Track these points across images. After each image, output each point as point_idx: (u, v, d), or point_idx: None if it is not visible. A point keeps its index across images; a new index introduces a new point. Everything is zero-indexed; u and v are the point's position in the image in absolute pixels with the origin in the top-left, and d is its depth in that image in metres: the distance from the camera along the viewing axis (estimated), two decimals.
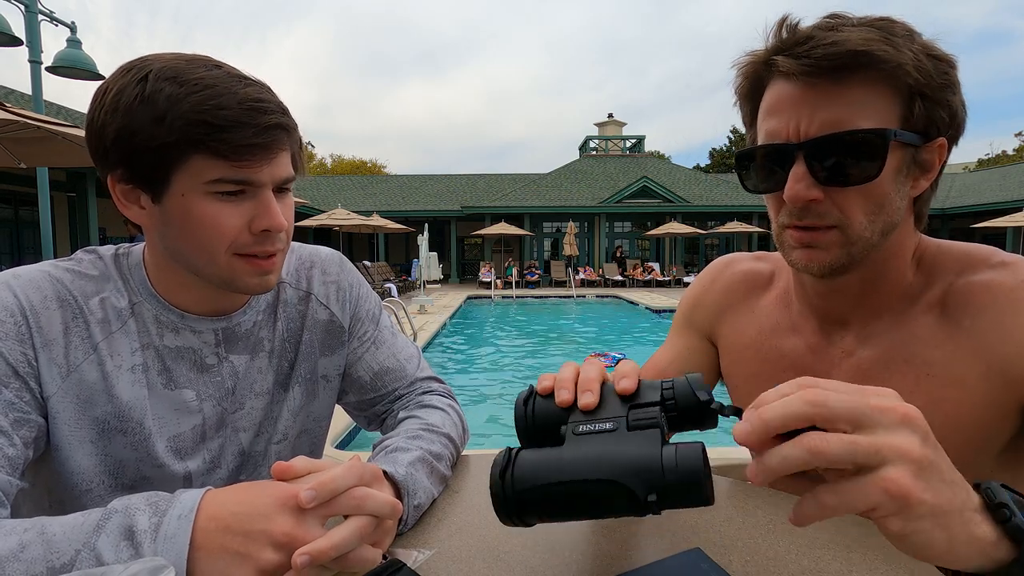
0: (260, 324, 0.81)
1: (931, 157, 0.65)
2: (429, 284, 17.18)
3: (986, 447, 0.65)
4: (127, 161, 0.65)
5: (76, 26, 6.09)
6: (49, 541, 0.48)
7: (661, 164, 27.28)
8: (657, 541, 0.62)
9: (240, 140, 0.63)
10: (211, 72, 0.65)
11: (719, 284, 0.93)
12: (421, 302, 13.09)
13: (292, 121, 0.70)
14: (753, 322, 0.86)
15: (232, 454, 0.79)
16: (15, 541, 0.48)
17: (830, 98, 0.61)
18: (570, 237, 19.16)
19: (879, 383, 0.68)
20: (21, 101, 11.72)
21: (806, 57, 0.60)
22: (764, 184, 0.69)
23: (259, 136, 0.65)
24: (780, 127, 0.64)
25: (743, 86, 0.71)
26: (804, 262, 0.68)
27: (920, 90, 0.60)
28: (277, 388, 0.83)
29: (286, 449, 0.85)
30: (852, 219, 0.64)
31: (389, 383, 0.92)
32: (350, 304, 0.91)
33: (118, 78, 0.65)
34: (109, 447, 0.70)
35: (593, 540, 0.63)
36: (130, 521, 0.49)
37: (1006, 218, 15.96)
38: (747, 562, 0.58)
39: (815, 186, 0.63)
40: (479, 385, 6.97)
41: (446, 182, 27.74)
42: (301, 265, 0.89)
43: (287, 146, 0.70)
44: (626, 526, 0.66)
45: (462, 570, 0.57)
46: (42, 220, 5.62)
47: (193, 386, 0.75)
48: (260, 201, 0.68)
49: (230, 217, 0.67)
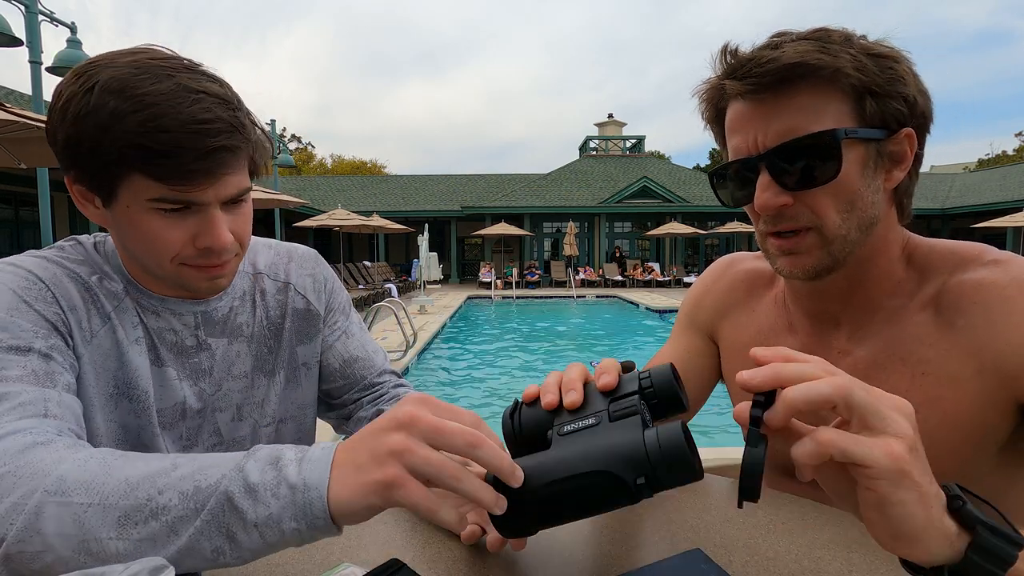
0: (237, 310, 0.84)
1: (900, 148, 0.67)
2: (429, 284, 17.18)
3: (984, 445, 0.65)
4: (77, 166, 0.66)
5: (76, 26, 6.10)
6: (200, 463, 0.48)
7: (661, 164, 27.29)
8: (657, 542, 0.63)
9: (180, 166, 0.62)
10: (158, 86, 0.62)
11: (721, 284, 0.94)
12: (421, 302, 13.09)
13: (243, 138, 0.67)
14: (753, 322, 0.87)
15: (208, 433, 0.81)
16: (168, 461, 0.49)
17: (779, 110, 0.65)
18: (570, 237, 19.17)
19: (875, 382, 0.69)
20: (21, 101, 11.72)
21: (749, 77, 0.65)
22: (738, 197, 0.73)
23: (200, 161, 0.63)
24: (741, 143, 0.69)
25: (707, 111, 0.75)
26: (789, 268, 0.70)
27: (867, 88, 0.63)
28: (256, 373, 0.85)
29: (273, 432, 0.88)
30: (825, 219, 0.66)
31: (358, 371, 0.95)
32: (325, 294, 0.95)
33: (69, 84, 0.64)
34: (115, 412, 0.73)
35: (593, 540, 0.63)
36: (277, 453, 0.49)
37: (1006, 218, 15.96)
38: (747, 562, 0.58)
39: (782, 192, 0.66)
40: (479, 385, 6.98)
41: (446, 182, 27.75)
42: (279, 258, 0.92)
43: (236, 166, 0.68)
44: (626, 527, 0.66)
45: (462, 570, 0.57)
46: (42, 220, 5.63)
47: (174, 366, 0.78)
48: (204, 219, 0.68)
49: (172, 232, 0.67)
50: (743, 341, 0.87)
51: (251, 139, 0.69)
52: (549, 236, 24.38)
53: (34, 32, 5.66)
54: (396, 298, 10.72)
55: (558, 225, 23.84)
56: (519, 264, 23.01)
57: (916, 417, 0.65)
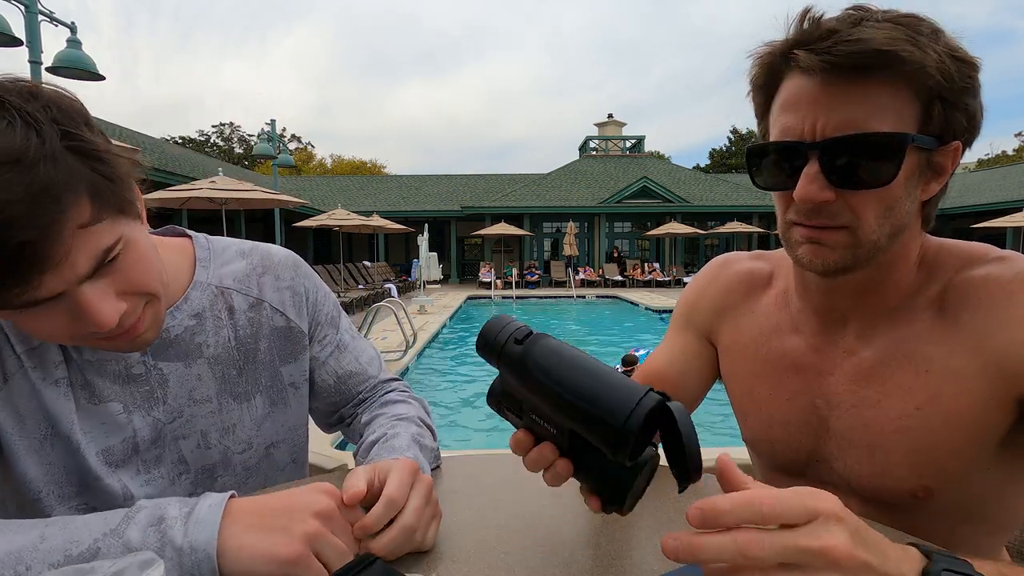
0: (194, 330, 0.76)
1: (944, 160, 0.64)
2: (429, 284, 17.18)
3: (986, 442, 0.65)
4: None
5: (76, 26, 6.09)
6: (69, 533, 0.48)
7: (661, 164, 27.27)
8: (657, 543, 0.62)
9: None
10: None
11: (717, 284, 0.93)
12: (421, 302, 13.08)
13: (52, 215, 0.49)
14: (753, 323, 0.85)
15: (171, 463, 0.75)
16: (35, 534, 0.48)
17: (849, 98, 0.59)
18: (570, 237, 19.16)
19: (880, 381, 0.70)
20: None
21: (827, 53, 0.58)
22: (774, 181, 0.67)
23: (9, 287, 0.50)
24: (795, 124, 0.63)
25: (758, 76, 0.68)
26: (810, 258, 0.66)
27: (940, 93, 0.59)
28: (223, 396, 0.79)
29: (255, 459, 0.83)
30: (863, 221, 0.63)
31: (353, 387, 0.91)
32: (308, 309, 0.87)
33: None
34: (52, 454, 0.68)
35: (593, 541, 0.63)
36: (160, 512, 0.50)
37: (1006, 218, 15.96)
38: None
39: (828, 187, 0.62)
40: (479, 385, 6.97)
41: (446, 182, 27.74)
42: (252, 271, 0.84)
43: (56, 254, 0.51)
44: (626, 530, 0.66)
45: (462, 570, 0.57)
46: None
47: (119, 398, 0.71)
48: (70, 305, 0.55)
49: (44, 326, 0.56)
50: (743, 343, 0.86)
51: (72, 206, 0.51)
52: (549, 236, 24.37)
53: (34, 32, 5.66)
54: (396, 298, 10.72)
55: (558, 225, 23.83)
56: (519, 264, 23.00)
57: (919, 415, 0.67)
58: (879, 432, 0.69)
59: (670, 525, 0.66)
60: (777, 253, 0.90)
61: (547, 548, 0.61)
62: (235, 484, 0.81)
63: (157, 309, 0.65)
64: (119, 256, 0.58)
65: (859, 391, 0.71)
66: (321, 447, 2.86)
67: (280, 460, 0.86)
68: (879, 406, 0.69)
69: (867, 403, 0.70)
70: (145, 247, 0.62)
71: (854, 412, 0.71)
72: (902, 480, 0.68)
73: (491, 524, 0.67)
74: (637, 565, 0.58)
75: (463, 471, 0.83)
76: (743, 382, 0.86)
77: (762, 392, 0.82)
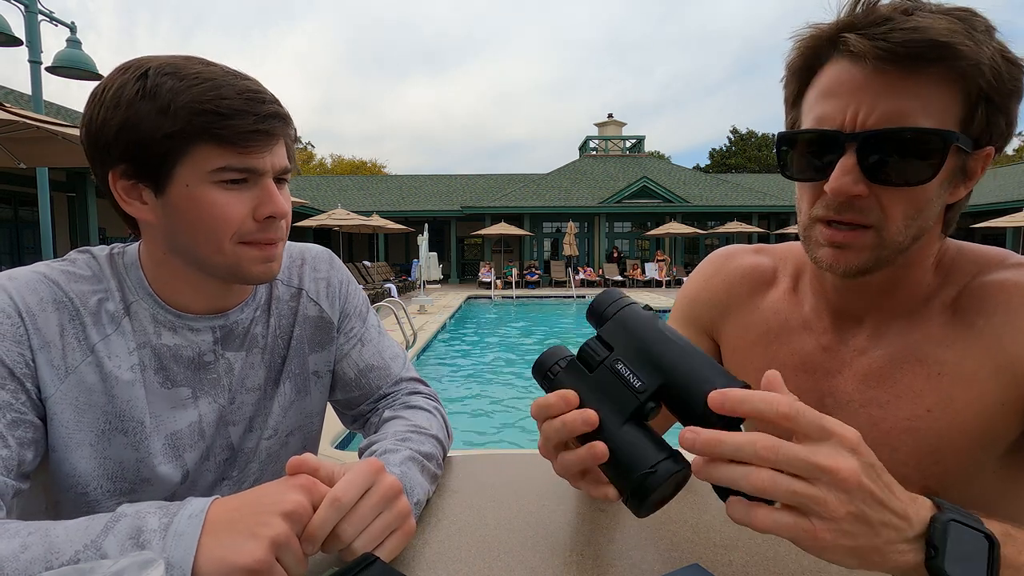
0: (256, 321, 0.82)
1: (976, 165, 0.62)
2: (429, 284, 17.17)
3: (992, 446, 0.65)
4: (130, 155, 0.66)
5: (76, 26, 6.09)
6: (51, 542, 0.48)
7: (661, 164, 27.28)
8: (657, 541, 0.62)
9: (243, 127, 0.65)
10: (208, 68, 0.67)
11: (719, 278, 0.90)
12: (421, 302, 13.08)
13: (287, 112, 0.72)
14: (760, 320, 0.83)
15: (221, 447, 0.79)
16: (17, 543, 0.48)
17: (897, 89, 0.56)
18: (570, 237, 19.16)
19: (890, 382, 0.70)
20: (21, 101, 11.71)
21: (882, 39, 0.55)
22: (805, 171, 0.64)
23: (261, 123, 0.67)
24: (835, 112, 0.60)
25: (796, 61, 0.65)
26: (830, 261, 0.64)
27: (988, 94, 0.57)
28: (268, 383, 0.83)
29: (276, 445, 0.85)
30: (891, 221, 0.60)
31: (374, 381, 0.91)
32: (339, 300, 0.91)
33: (116, 76, 0.66)
34: (109, 449, 0.70)
35: (594, 541, 0.63)
36: (140, 522, 0.49)
37: (1006, 218, 15.95)
38: (747, 562, 0.58)
39: (862, 181, 0.59)
40: (479, 385, 6.97)
41: (446, 182, 27.74)
42: (292, 262, 0.89)
43: (284, 135, 0.72)
44: (626, 530, 0.66)
45: (462, 570, 0.57)
46: (42, 220, 5.62)
47: (189, 383, 0.76)
48: (263, 189, 0.70)
49: (235, 205, 0.68)
50: (749, 340, 0.84)
51: (291, 119, 0.73)
52: (549, 236, 24.38)
53: (34, 32, 5.65)
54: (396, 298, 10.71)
55: (558, 225, 23.84)
56: (519, 264, 23.00)
57: (929, 417, 0.67)
58: (887, 431, 0.68)
59: (670, 525, 0.66)
60: (779, 248, 0.89)
61: (547, 548, 0.61)
62: (259, 470, 0.84)
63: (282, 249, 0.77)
64: (285, 182, 0.75)
65: (868, 391, 0.71)
66: (321, 447, 2.86)
67: (294, 448, 0.88)
68: (888, 406, 0.69)
69: (876, 403, 0.70)
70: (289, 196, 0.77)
71: (863, 412, 0.71)
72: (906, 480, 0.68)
73: (491, 524, 0.67)
74: (637, 565, 0.58)
75: (463, 471, 0.83)
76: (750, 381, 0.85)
77: None
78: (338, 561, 0.55)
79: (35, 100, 5.89)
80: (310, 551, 0.52)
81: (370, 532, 0.55)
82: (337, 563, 0.56)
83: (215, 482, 0.80)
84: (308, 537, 0.51)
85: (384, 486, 0.57)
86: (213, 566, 0.47)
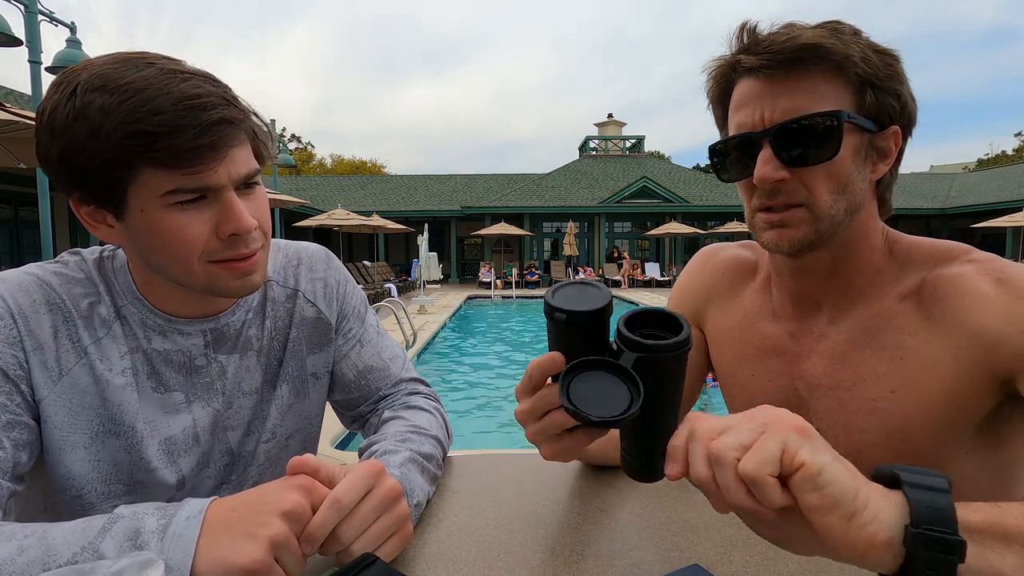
0: (249, 323, 0.80)
1: (887, 144, 0.71)
2: (429, 284, 17.18)
3: (960, 426, 0.68)
4: (79, 183, 0.62)
5: (76, 26, 6.10)
6: (48, 544, 0.48)
7: (661, 164, 27.29)
8: (657, 540, 0.63)
9: (183, 145, 0.59)
10: (142, 73, 0.59)
11: (706, 271, 0.96)
12: (421, 302, 13.09)
13: (238, 111, 0.64)
14: (738, 307, 0.89)
15: (220, 453, 0.78)
16: (14, 545, 0.48)
17: (789, 89, 0.68)
18: (570, 237, 19.16)
19: (853, 365, 0.74)
20: (21, 101, 11.72)
21: (766, 52, 0.67)
22: (736, 172, 0.74)
23: (202, 136, 0.60)
24: (747, 118, 0.71)
25: (714, 90, 0.77)
26: (775, 241, 0.72)
27: (869, 80, 0.67)
28: (265, 386, 0.81)
29: (276, 448, 0.83)
30: (818, 197, 0.69)
31: (373, 382, 0.90)
32: (337, 301, 0.89)
33: (51, 96, 0.61)
34: (103, 452, 0.69)
35: (594, 541, 0.63)
36: (137, 524, 0.49)
37: (1006, 218, 15.97)
38: (747, 562, 0.58)
39: (781, 167, 0.69)
40: (479, 385, 6.98)
41: (446, 182, 27.72)
42: (288, 263, 0.87)
43: (239, 139, 0.65)
44: (626, 530, 0.66)
45: (462, 570, 0.57)
46: (42, 220, 5.62)
47: (182, 388, 0.74)
48: (223, 205, 0.64)
49: (195, 226, 0.64)
50: (728, 325, 0.89)
51: (247, 115, 0.67)
52: (549, 236, 24.37)
53: (34, 32, 5.65)
54: (396, 298, 10.72)
55: (558, 225, 23.84)
56: (519, 264, 23.00)
57: (893, 399, 0.70)
58: (855, 412, 0.73)
59: (670, 525, 0.66)
60: None
61: (547, 548, 0.61)
62: (258, 474, 0.82)
63: (265, 256, 0.72)
64: (255, 186, 0.69)
65: (834, 374, 0.76)
66: (321, 447, 2.86)
67: (294, 450, 0.87)
68: (854, 388, 0.74)
69: (843, 385, 0.75)
70: (266, 199, 0.72)
71: (831, 394, 0.76)
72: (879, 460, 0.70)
73: (490, 524, 0.67)
74: (637, 565, 0.58)
75: (463, 471, 0.83)
76: (728, 366, 0.89)
77: (745, 375, 0.86)
78: (337, 562, 0.55)
79: (35, 100, 5.89)
80: (309, 552, 0.52)
81: (369, 535, 0.55)
82: (336, 563, 0.56)
83: (215, 488, 0.79)
84: (307, 538, 0.51)
85: (385, 489, 0.57)
86: (212, 567, 0.46)
